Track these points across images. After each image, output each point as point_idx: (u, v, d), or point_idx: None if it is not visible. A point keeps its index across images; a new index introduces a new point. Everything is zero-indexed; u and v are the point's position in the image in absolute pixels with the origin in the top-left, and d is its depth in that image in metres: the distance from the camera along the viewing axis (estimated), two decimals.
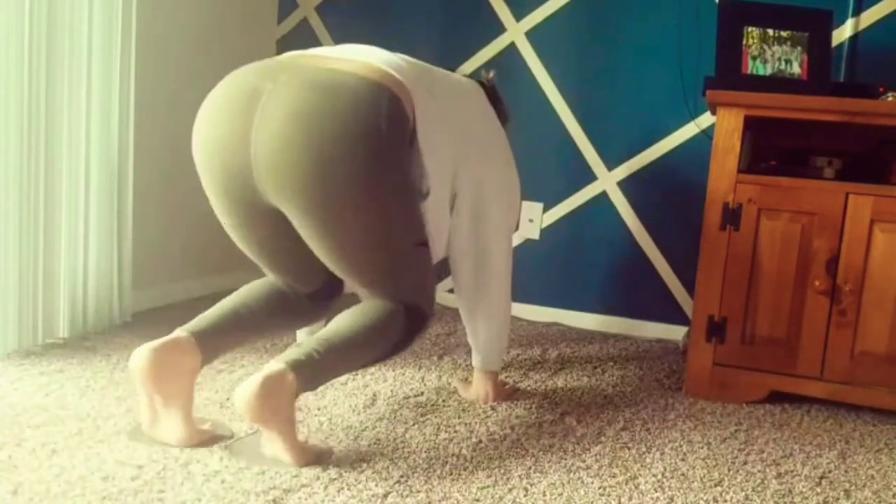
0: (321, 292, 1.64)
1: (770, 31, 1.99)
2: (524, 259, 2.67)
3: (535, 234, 2.69)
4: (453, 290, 1.77)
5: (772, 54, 1.99)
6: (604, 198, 2.62)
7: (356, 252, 1.42)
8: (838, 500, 1.42)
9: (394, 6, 2.77)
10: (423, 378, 1.93)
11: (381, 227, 1.40)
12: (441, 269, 1.70)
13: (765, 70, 1.98)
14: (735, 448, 1.63)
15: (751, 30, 1.98)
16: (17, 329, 1.84)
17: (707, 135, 2.44)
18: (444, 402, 1.77)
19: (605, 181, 2.62)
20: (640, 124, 2.57)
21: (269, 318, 1.56)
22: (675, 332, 2.56)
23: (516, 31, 2.65)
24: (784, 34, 1.99)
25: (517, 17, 2.65)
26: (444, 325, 2.46)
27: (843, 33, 2.34)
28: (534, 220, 2.68)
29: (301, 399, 1.71)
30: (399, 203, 1.41)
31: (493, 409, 1.75)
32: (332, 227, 1.38)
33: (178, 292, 2.53)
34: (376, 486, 1.31)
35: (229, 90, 1.38)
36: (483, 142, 1.69)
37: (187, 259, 2.57)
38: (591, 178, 2.63)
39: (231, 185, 1.40)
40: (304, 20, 2.88)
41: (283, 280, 1.60)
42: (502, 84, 1.90)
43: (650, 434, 1.67)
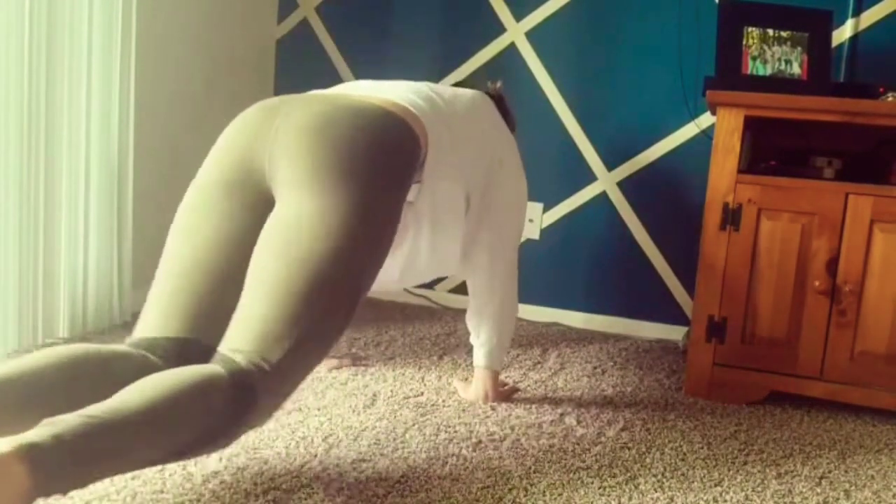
0: (185, 352, 1.25)
1: (770, 32, 1.99)
2: (524, 259, 2.66)
3: (535, 234, 2.69)
4: (453, 291, 1.77)
5: (772, 54, 1.99)
6: (604, 198, 2.62)
7: (308, 244, 1.23)
8: (838, 500, 1.42)
9: (394, 6, 2.77)
10: (423, 378, 1.93)
11: (348, 228, 1.25)
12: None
13: (765, 70, 1.99)
14: (735, 448, 1.63)
15: (751, 30, 1.99)
16: (17, 329, 1.84)
17: (707, 135, 2.44)
18: (444, 402, 1.77)
19: (605, 181, 2.62)
20: (640, 124, 2.57)
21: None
22: (675, 332, 2.56)
23: (516, 32, 2.65)
24: (784, 34, 1.99)
25: (517, 17, 2.65)
26: (444, 325, 2.46)
27: (843, 33, 2.34)
28: (534, 220, 2.68)
29: (301, 399, 1.71)
30: (379, 215, 1.31)
31: (492, 409, 1.75)
32: (307, 208, 1.24)
33: None
34: (376, 486, 1.31)
35: (258, 107, 1.42)
36: (497, 155, 1.74)
37: None
38: (590, 178, 2.63)
39: (233, 174, 1.34)
40: (304, 20, 2.88)
41: (168, 323, 1.26)
42: (502, 84, 1.91)
43: (650, 434, 1.67)
